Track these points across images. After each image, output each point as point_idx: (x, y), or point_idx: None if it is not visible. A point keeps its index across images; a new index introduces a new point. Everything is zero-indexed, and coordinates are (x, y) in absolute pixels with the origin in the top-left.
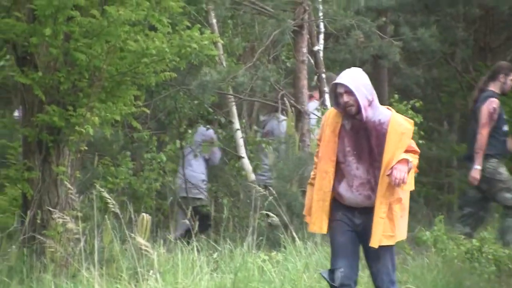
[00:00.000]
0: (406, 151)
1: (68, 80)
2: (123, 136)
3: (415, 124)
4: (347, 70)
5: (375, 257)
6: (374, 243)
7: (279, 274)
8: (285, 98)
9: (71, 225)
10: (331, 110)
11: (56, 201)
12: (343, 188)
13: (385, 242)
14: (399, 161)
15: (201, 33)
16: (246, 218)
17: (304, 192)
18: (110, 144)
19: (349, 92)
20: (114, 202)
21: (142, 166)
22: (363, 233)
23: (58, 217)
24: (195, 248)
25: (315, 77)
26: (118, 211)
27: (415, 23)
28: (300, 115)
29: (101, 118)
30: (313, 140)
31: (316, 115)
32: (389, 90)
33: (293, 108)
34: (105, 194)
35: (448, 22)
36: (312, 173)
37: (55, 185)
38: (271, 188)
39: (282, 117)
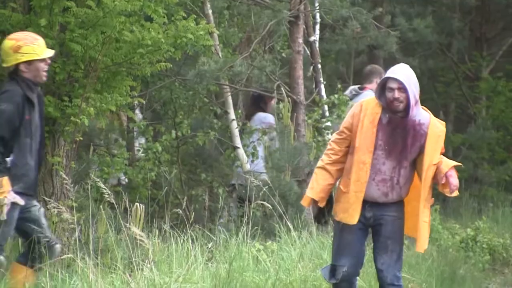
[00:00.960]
0: (440, 153)
1: (64, 71)
2: (118, 126)
3: None
4: (400, 65)
5: (383, 249)
6: (421, 248)
7: (274, 263)
8: (281, 88)
9: (66, 215)
10: (369, 101)
11: (51, 191)
12: None
13: (425, 246)
14: (451, 168)
15: (197, 23)
16: (241, 208)
17: (299, 182)
18: (105, 134)
19: (402, 89)
20: (109, 192)
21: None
22: (375, 224)
23: (53, 207)
24: (190, 238)
25: (311, 68)
26: (113, 201)
27: (411, 13)
28: (295, 106)
29: (96, 108)
30: (309, 131)
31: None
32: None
33: (289, 98)
34: (100, 184)
35: (444, 12)
36: (326, 158)
37: (50, 175)
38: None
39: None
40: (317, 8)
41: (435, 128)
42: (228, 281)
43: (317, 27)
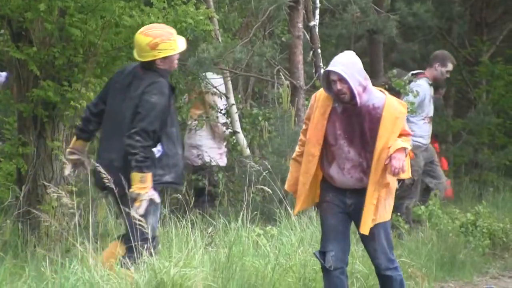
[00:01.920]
0: (400, 135)
1: (63, 56)
2: None
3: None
4: (340, 55)
5: (370, 237)
6: (365, 229)
7: (274, 248)
8: (280, 73)
9: (65, 200)
10: (321, 92)
11: (51, 176)
12: (334, 171)
13: (370, 226)
14: (396, 150)
15: (197, 8)
16: (241, 192)
17: None
18: None
19: (342, 79)
20: (109, 177)
21: None
22: (355, 213)
23: (53, 192)
24: (189, 223)
25: (311, 53)
26: (112, 186)
27: None
28: (295, 90)
29: (96, 93)
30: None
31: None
32: (385, 65)
33: (288, 83)
34: (100, 169)
35: None
36: (297, 149)
37: (50, 160)
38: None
39: None
40: None
41: (391, 110)
42: (228, 266)
43: (317, 12)
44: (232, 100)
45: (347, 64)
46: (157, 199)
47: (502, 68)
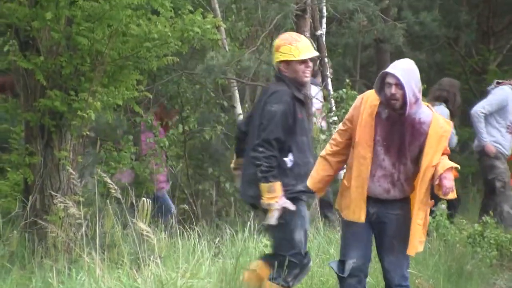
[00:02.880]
0: (442, 153)
1: (70, 65)
2: (125, 120)
3: None
4: (402, 61)
5: (390, 249)
6: (412, 251)
7: None
8: None
9: (72, 210)
10: (369, 93)
11: (58, 186)
12: None
13: (419, 249)
14: (446, 169)
15: (204, 17)
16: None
17: None
18: (112, 128)
19: (399, 85)
20: (116, 187)
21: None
22: (377, 223)
23: (60, 202)
24: (197, 233)
25: (318, 62)
26: (120, 196)
27: (418, 6)
28: None
29: (103, 102)
30: (316, 124)
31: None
32: None
33: None
34: (107, 179)
35: (451, 6)
36: (328, 147)
37: (57, 170)
38: None
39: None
40: (324, 1)
41: (437, 128)
42: (235, 277)
43: (324, 20)
44: (239, 109)
45: (407, 71)
46: (291, 207)
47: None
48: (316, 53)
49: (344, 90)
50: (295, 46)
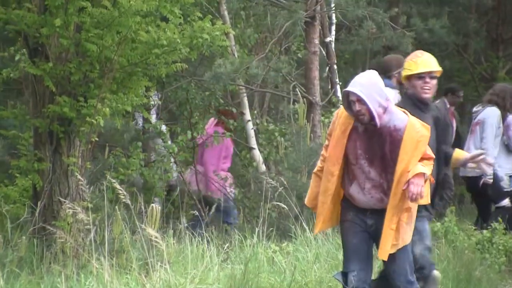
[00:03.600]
0: (422, 158)
1: (79, 71)
2: (134, 126)
3: None
4: (360, 76)
5: (391, 258)
6: (383, 255)
7: (290, 265)
8: (296, 89)
9: (81, 216)
10: (344, 109)
11: (67, 192)
12: (354, 190)
13: (391, 251)
14: (415, 175)
15: (213, 24)
16: (257, 208)
17: None
18: (121, 135)
19: (361, 100)
20: (125, 193)
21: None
22: (376, 234)
23: (69, 208)
24: (205, 239)
25: (327, 68)
26: (128, 202)
27: (427, 14)
28: (311, 106)
29: (112, 109)
30: (325, 132)
31: None
32: None
33: (304, 99)
34: (116, 185)
35: (460, 13)
36: (319, 163)
37: (65, 176)
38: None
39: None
40: (333, 8)
41: (413, 133)
42: (244, 283)
43: (333, 28)
44: (248, 116)
45: (366, 85)
46: None
47: None
48: (437, 68)
49: None
50: (415, 61)
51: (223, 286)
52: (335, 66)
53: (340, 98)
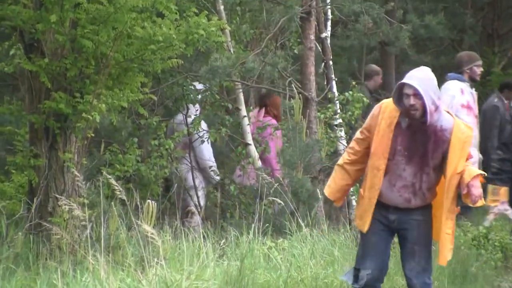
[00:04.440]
0: (466, 159)
1: (75, 67)
2: (130, 123)
3: None
4: (419, 69)
5: (411, 255)
6: (443, 261)
7: (285, 261)
8: (292, 85)
9: (77, 212)
10: (388, 103)
11: (63, 188)
12: (383, 185)
13: (449, 257)
14: (474, 177)
15: (209, 19)
16: (253, 205)
17: (312, 179)
18: (117, 131)
19: (417, 95)
20: (121, 189)
21: (150, 152)
22: (400, 228)
23: (65, 204)
24: (201, 235)
25: (322, 64)
26: (124, 198)
27: (423, 9)
28: (307, 102)
29: (108, 105)
30: (321, 127)
31: None
32: (397, 77)
33: (300, 95)
34: (112, 181)
35: (456, 8)
36: (346, 156)
37: (61, 172)
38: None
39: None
40: (329, 4)
41: (459, 134)
42: (240, 279)
43: (329, 23)
44: (243, 112)
45: (424, 80)
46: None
47: None
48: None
49: (350, 92)
50: None
51: (219, 282)
52: (331, 62)
53: (336, 93)
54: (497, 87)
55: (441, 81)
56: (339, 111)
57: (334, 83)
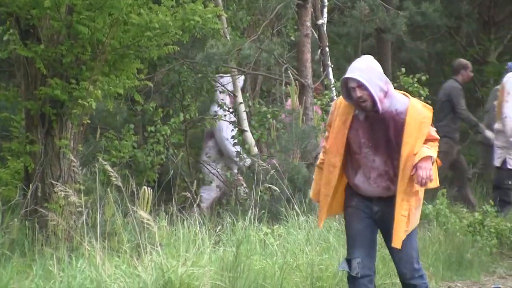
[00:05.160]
0: (426, 140)
1: (71, 53)
2: (126, 109)
3: (421, 97)
4: (357, 61)
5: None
6: (397, 243)
7: (281, 247)
8: (289, 72)
9: (73, 198)
10: (341, 99)
11: (59, 174)
12: (359, 180)
13: (403, 239)
14: (422, 159)
15: (205, 6)
16: (249, 191)
17: (308, 166)
18: (113, 117)
19: (362, 86)
20: (116, 175)
21: (146, 139)
22: (382, 220)
23: (61, 190)
24: (197, 222)
25: (319, 51)
26: (120, 184)
27: None
28: (303, 89)
29: (104, 91)
30: (317, 114)
31: None
32: (393, 64)
33: (296, 82)
34: (108, 167)
35: None
36: (320, 156)
37: (57, 158)
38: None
39: None
40: None
41: (415, 114)
42: (236, 265)
43: (325, 10)
44: (240, 98)
45: (365, 70)
46: None
47: None
48: None
49: None
50: None
51: (215, 268)
52: (327, 49)
53: (332, 80)
54: (493, 75)
55: (437, 69)
56: (335, 98)
57: (330, 69)
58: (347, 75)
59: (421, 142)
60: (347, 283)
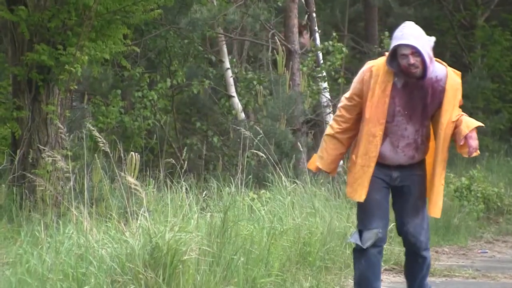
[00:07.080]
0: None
1: (57, 19)
2: (113, 74)
3: None
4: (408, 26)
5: (415, 211)
6: (437, 212)
7: (268, 212)
8: (275, 37)
9: (61, 164)
10: (378, 67)
11: (46, 140)
12: (386, 148)
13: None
14: (472, 129)
15: None
16: (236, 157)
17: (294, 131)
18: (100, 83)
19: (416, 53)
20: (104, 141)
21: (133, 104)
22: (401, 187)
23: (48, 156)
24: (184, 187)
25: (306, 16)
26: (108, 150)
27: None
28: (290, 54)
29: (91, 57)
30: (305, 79)
31: None
32: (380, 29)
33: (283, 47)
34: (95, 133)
35: None
36: (335, 125)
37: (44, 124)
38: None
39: None
40: None
41: (452, 82)
42: (223, 230)
43: None
44: (227, 64)
45: (418, 37)
46: None
47: (500, 34)
48: None
49: (331, 42)
50: None
51: (202, 234)
52: (314, 14)
53: (319, 45)
54: (482, 40)
55: (429, 35)
56: (321, 62)
57: (317, 35)
58: (401, 41)
59: (457, 109)
60: (353, 253)
